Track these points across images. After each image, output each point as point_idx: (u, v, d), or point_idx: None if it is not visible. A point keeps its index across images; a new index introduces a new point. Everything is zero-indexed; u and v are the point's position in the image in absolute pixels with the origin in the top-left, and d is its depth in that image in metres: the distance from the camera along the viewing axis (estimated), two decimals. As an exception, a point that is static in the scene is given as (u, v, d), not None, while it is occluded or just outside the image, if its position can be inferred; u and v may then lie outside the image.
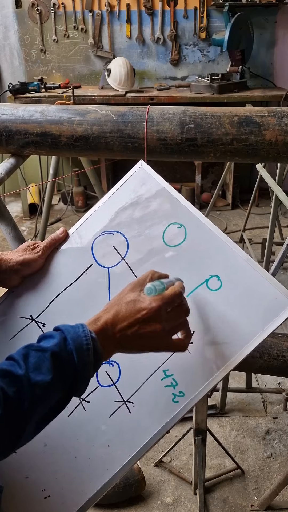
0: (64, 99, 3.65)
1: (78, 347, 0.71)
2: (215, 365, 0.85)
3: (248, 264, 0.88)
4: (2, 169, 1.38)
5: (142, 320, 0.75)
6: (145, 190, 1.01)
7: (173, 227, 0.95)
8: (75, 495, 0.88)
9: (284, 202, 2.03)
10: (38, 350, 0.71)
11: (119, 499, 1.83)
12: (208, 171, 4.53)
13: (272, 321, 0.84)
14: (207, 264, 0.90)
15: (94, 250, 0.99)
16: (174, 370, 0.87)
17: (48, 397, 0.69)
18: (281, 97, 3.87)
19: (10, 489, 0.91)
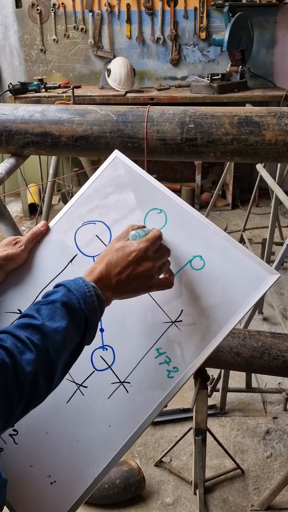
0: (64, 99, 3.65)
1: (83, 296, 0.76)
2: (205, 340, 0.89)
3: (228, 242, 0.92)
4: (2, 169, 1.38)
5: (134, 261, 0.82)
6: (122, 178, 1.02)
7: (153, 212, 0.98)
8: (81, 477, 0.91)
9: (284, 202, 2.03)
10: (47, 303, 0.75)
11: (119, 499, 1.83)
12: (208, 171, 4.53)
13: (254, 294, 0.87)
14: (189, 245, 0.93)
15: (77, 241, 1.01)
16: (167, 347, 0.91)
17: (68, 342, 0.74)
18: (281, 97, 3.87)
19: (15, 479, 0.93)
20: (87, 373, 0.94)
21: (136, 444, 2.09)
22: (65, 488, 0.91)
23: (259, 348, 1.35)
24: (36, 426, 0.94)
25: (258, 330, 1.43)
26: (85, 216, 1.02)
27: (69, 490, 0.91)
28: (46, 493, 0.92)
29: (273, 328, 2.82)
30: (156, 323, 0.92)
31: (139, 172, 1.02)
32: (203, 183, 4.45)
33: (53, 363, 0.72)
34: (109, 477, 1.82)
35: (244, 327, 2.00)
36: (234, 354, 1.36)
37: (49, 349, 0.72)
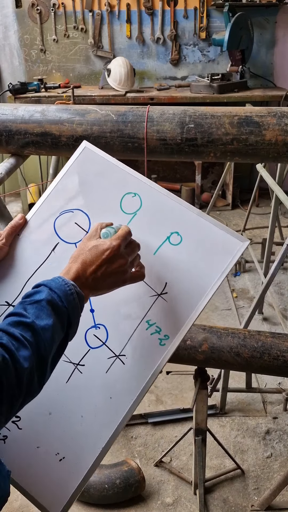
0: (64, 99, 3.65)
1: (64, 294, 0.80)
2: (190, 307, 0.96)
3: (201, 217, 0.99)
4: (2, 169, 1.38)
5: (108, 259, 0.86)
6: (94, 167, 1.07)
7: (128, 196, 1.03)
8: (89, 449, 0.96)
9: (284, 202, 2.03)
10: (32, 302, 0.78)
11: (119, 499, 1.83)
12: (208, 171, 4.53)
13: (229, 261, 0.96)
14: (166, 223, 1.00)
15: (57, 230, 1.04)
16: (156, 318, 0.97)
17: (55, 338, 0.77)
18: (281, 97, 3.87)
19: (24, 462, 0.97)
20: (82, 352, 0.99)
21: (136, 444, 2.09)
22: (74, 462, 0.96)
23: (259, 348, 1.35)
24: (38, 409, 0.97)
25: (258, 330, 1.43)
26: (62, 206, 1.06)
27: (79, 463, 0.96)
28: (56, 470, 0.96)
29: (273, 328, 2.82)
30: (143, 297, 0.98)
31: (110, 160, 1.06)
32: (203, 183, 4.45)
33: (44, 359, 0.75)
34: (109, 477, 1.82)
35: (244, 327, 2.00)
36: (234, 354, 1.36)
37: (40, 345, 0.74)
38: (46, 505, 0.95)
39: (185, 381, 2.40)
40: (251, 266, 3.41)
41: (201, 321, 2.84)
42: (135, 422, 2.18)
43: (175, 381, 2.41)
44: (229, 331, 1.40)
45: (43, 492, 0.96)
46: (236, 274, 3.39)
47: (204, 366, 1.55)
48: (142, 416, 2.19)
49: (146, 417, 2.19)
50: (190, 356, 1.39)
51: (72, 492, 0.95)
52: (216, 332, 1.39)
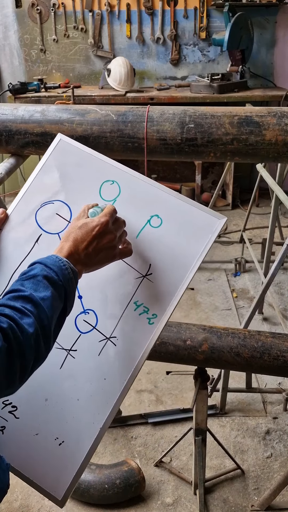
0: (64, 99, 3.65)
1: (59, 269, 0.83)
2: (175, 285, 0.99)
3: (179, 199, 1.02)
4: (2, 169, 1.38)
5: (98, 235, 0.90)
6: (71, 158, 1.10)
7: (106, 184, 1.06)
8: (87, 430, 0.97)
9: (284, 202, 2.03)
10: (29, 278, 0.82)
11: (119, 499, 1.83)
12: (208, 171, 4.53)
13: (209, 239, 0.99)
14: (145, 207, 1.03)
15: (39, 222, 1.07)
16: (143, 299, 1.00)
17: (54, 308, 0.81)
18: (281, 97, 3.87)
19: (23, 450, 0.98)
20: (74, 338, 1.01)
21: (136, 444, 2.09)
22: (74, 445, 0.97)
23: (259, 348, 1.35)
24: (34, 396, 0.99)
25: (258, 330, 1.43)
26: (42, 198, 1.08)
27: (79, 445, 0.97)
28: (57, 455, 0.98)
29: (273, 328, 2.81)
30: (129, 280, 1.00)
31: (86, 151, 1.09)
32: (203, 183, 4.45)
33: (47, 327, 0.78)
34: (109, 477, 1.82)
35: (244, 327, 2.00)
36: (234, 354, 1.36)
37: (42, 314, 0.78)
38: (50, 490, 0.97)
39: (185, 381, 2.40)
40: (251, 266, 3.41)
41: (201, 321, 2.84)
42: (135, 422, 2.18)
43: (175, 381, 2.41)
44: (229, 331, 1.40)
45: (45, 477, 0.97)
46: (236, 274, 3.39)
47: (204, 366, 1.55)
48: (142, 416, 2.19)
49: (146, 417, 2.19)
50: (190, 356, 1.39)
51: (74, 474, 0.96)
52: (216, 332, 1.39)
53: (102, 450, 2.06)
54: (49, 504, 1.85)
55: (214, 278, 3.36)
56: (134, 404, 2.26)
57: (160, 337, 1.21)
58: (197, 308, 3.01)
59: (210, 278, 3.35)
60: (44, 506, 1.84)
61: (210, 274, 3.40)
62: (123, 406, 2.21)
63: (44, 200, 1.08)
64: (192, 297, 3.11)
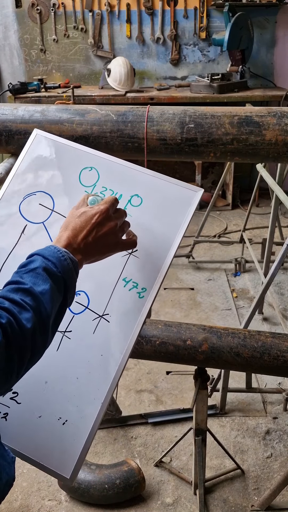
0: (64, 99, 3.65)
1: (58, 260, 0.82)
2: (160, 258, 1.03)
3: (155, 177, 1.07)
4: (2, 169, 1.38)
5: (97, 223, 0.89)
6: (48, 151, 1.15)
7: (85, 171, 1.10)
8: (89, 406, 0.99)
9: (284, 202, 2.03)
10: (28, 271, 0.81)
11: (119, 499, 1.83)
12: (208, 171, 4.53)
13: (188, 211, 1.05)
14: (124, 188, 1.08)
15: (24, 213, 1.10)
16: (132, 275, 1.04)
17: (54, 302, 0.80)
18: (281, 97, 3.87)
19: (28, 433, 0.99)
20: (67, 319, 1.03)
21: (136, 444, 2.09)
22: (77, 422, 0.99)
23: (259, 348, 1.35)
24: (34, 380, 1.01)
25: (258, 330, 1.43)
26: (24, 191, 1.12)
27: (82, 422, 0.99)
28: (61, 434, 0.99)
29: (273, 328, 2.82)
30: (116, 258, 1.02)
31: (61, 142, 1.14)
32: (203, 183, 4.45)
33: (45, 321, 0.78)
34: (109, 477, 1.82)
35: (244, 327, 2.00)
36: (234, 354, 1.36)
37: (41, 308, 0.77)
38: (58, 469, 0.98)
39: (185, 381, 2.40)
40: (251, 266, 3.41)
41: (201, 321, 2.84)
42: (135, 422, 2.18)
43: (175, 381, 2.41)
44: (229, 331, 1.40)
45: (52, 458, 0.99)
46: (236, 274, 3.39)
47: (204, 366, 1.55)
48: (142, 416, 2.19)
49: (146, 417, 2.19)
50: (190, 356, 1.39)
51: (80, 451, 0.97)
52: (216, 332, 1.40)
53: (102, 450, 2.06)
54: (49, 504, 1.85)
55: (214, 278, 3.36)
56: (134, 404, 2.26)
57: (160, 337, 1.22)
58: (197, 308, 3.01)
59: (210, 278, 3.35)
60: (44, 506, 1.84)
61: (210, 274, 3.40)
62: (123, 406, 2.21)
63: (26, 192, 1.12)
64: (192, 297, 3.11)
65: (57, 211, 1.09)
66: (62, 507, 1.84)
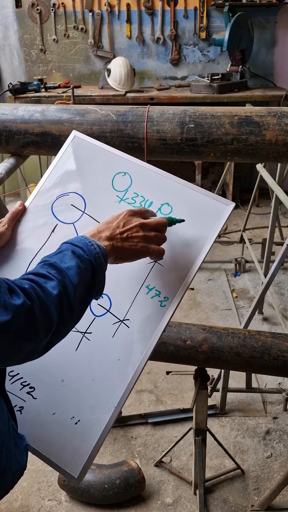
0: (64, 99, 3.65)
1: (85, 245, 0.85)
2: (185, 268, 1.02)
3: (187, 187, 1.07)
4: (2, 169, 1.38)
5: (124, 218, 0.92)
6: (85, 153, 1.16)
7: (118, 176, 1.11)
8: (102, 408, 1.00)
9: (284, 202, 2.03)
10: (56, 253, 0.84)
11: (119, 499, 1.83)
12: (208, 171, 4.53)
13: (217, 224, 1.04)
14: (156, 196, 1.08)
15: (55, 213, 1.12)
16: (155, 283, 1.03)
17: (81, 279, 0.81)
18: (281, 97, 3.87)
19: (40, 428, 1.01)
20: (89, 321, 1.04)
21: (136, 444, 2.09)
22: (89, 423, 1.00)
23: (259, 348, 1.35)
24: (51, 377, 1.03)
25: (258, 330, 1.43)
26: (58, 190, 1.13)
27: (94, 424, 0.99)
28: (73, 433, 1.00)
29: (273, 328, 2.82)
30: (141, 265, 1.03)
31: (98, 145, 1.15)
32: (203, 183, 4.44)
33: (71, 296, 0.79)
34: (109, 477, 1.82)
35: (244, 327, 2.00)
36: (234, 354, 1.36)
37: (66, 281, 0.79)
38: (67, 468, 0.99)
39: (185, 381, 2.40)
40: (251, 266, 3.41)
41: (201, 321, 2.84)
42: (135, 422, 2.18)
43: (175, 381, 2.41)
44: (229, 331, 1.40)
45: (62, 456, 0.99)
46: (236, 274, 3.39)
47: (204, 366, 1.55)
48: (142, 416, 2.19)
49: (146, 417, 2.19)
50: (190, 356, 1.39)
51: (89, 453, 0.98)
52: (216, 332, 1.40)
53: (102, 450, 2.06)
54: (49, 504, 1.85)
55: (214, 278, 3.36)
56: (134, 404, 2.26)
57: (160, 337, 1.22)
58: (197, 308, 3.01)
59: (210, 278, 3.35)
60: (44, 506, 1.84)
61: (210, 274, 3.40)
62: (123, 406, 2.21)
63: (60, 192, 1.13)
64: (192, 297, 3.11)
65: (87, 213, 1.10)
66: (62, 507, 1.84)
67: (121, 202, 1.09)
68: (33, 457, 1.00)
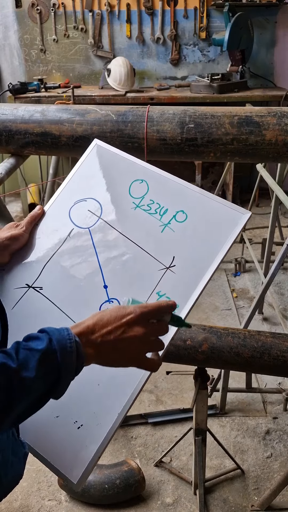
0: (64, 99, 3.65)
1: (63, 349, 0.74)
2: (198, 276, 1.01)
3: (203, 195, 1.07)
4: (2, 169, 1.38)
5: (126, 323, 0.79)
6: (104, 160, 1.18)
7: (136, 183, 1.12)
8: (105, 414, 0.98)
9: (284, 202, 2.03)
10: (27, 348, 0.74)
11: (119, 499, 1.83)
12: (208, 171, 4.53)
13: (232, 232, 1.02)
14: (171, 203, 1.08)
15: (72, 218, 1.13)
16: (166, 290, 1.02)
17: (31, 392, 0.73)
18: (281, 97, 3.87)
19: (43, 430, 0.99)
20: None
21: (136, 444, 2.09)
22: (92, 429, 0.98)
23: (259, 348, 1.35)
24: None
25: (258, 330, 1.43)
26: (76, 196, 1.15)
27: (96, 429, 0.98)
28: (75, 438, 0.99)
29: (273, 328, 2.81)
30: (153, 271, 1.03)
31: (118, 153, 1.17)
32: (203, 183, 4.44)
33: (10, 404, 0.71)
34: (109, 477, 1.82)
35: (244, 327, 2.00)
36: (234, 354, 1.36)
37: (11, 392, 0.71)
38: (66, 472, 0.97)
39: (185, 381, 2.40)
40: (251, 266, 3.41)
41: (201, 321, 2.84)
42: (135, 422, 2.18)
43: (175, 381, 2.41)
44: (229, 331, 1.40)
45: (63, 460, 0.98)
46: (236, 274, 3.39)
47: (204, 366, 1.55)
48: (142, 416, 2.19)
49: (146, 417, 2.19)
50: (190, 356, 1.39)
51: (90, 458, 0.96)
52: (216, 332, 1.40)
53: (102, 450, 2.06)
54: (49, 504, 1.85)
55: (214, 278, 3.36)
56: (134, 404, 2.25)
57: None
58: (197, 308, 3.01)
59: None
60: (44, 506, 1.84)
61: (210, 274, 3.39)
62: (123, 406, 2.21)
63: (78, 198, 1.15)
64: (192, 297, 3.11)
65: (103, 219, 1.12)
66: (62, 507, 1.84)
67: (137, 208, 1.10)
68: (34, 457, 0.99)
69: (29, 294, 1.08)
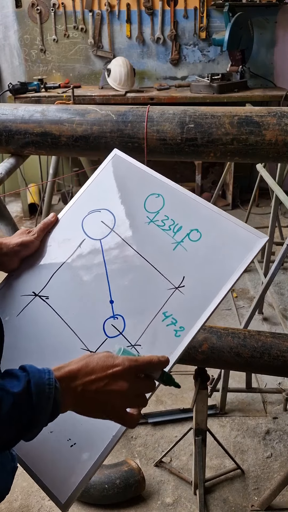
0: (64, 99, 3.65)
1: (40, 393, 0.71)
2: (207, 299, 0.97)
3: (219, 215, 1.04)
4: (2, 169, 1.38)
5: (112, 375, 0.75)
6: (122, 171, 1.16)
7: (152, 197, 1.10)
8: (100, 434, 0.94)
9: (284, 202, 2.03)
10: (2, 389, 0.70)
11: (119, 499, 1.83)
12: (208, 171, 4.53)
13: (247, 256, 0.98)
14: (186, 221, 1.05)
15: (85, 228, 1.12)
16: (173, 310, 0.99)
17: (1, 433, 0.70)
18: (281, 97, 3.87)
19: (36, 445, 0.94)
20: (100, 341, 1.01)
21: (136, 444, 2.09)
22: (85, 448, 0.96)
23: (259, 348, 1.35)
24: None
25: (258, 330, 1.43)
26: (90, 206, 1.13)
27: (89, 449, 0.95)
28: (67, 456, 0.96)
29: (273, 328, 2.81)
30: (161, 290, 1.00)
31: (136, 165, 1.14)
32: (203, 183, 4.44)
33: None
34: (109, 477, 1.82)
35: (244, 327, 2.00)
36: (234, 354, 1.36)
37: None
38: (55, 491, 0.95)
39: (185, 381, 2.40)
40: (251, 266, 3.41)
41: (201, 321, 2.84)
42: (135, 422, 2.17)
43: (175, 381, 2.41)
44: (229, 331, 1.40)
45: (53, 478, 0.96)
46: (236, 274, 3.39)
47: (204, 366, 1.56)
48: (142, 416, 2.20)
49: (146, 417, 2.19)
50: (190, 356, 1.39)
51: (80, 479, 0.93)
52: (216, 332, 1.40)
53: (102, 450, 2.06)
54: (49, 504, 1.85)
55: (214, 278, 3.36)
56: (134, 404, 2.26)
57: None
58: (197, 308, 3.00)
59: (210, 278, 3.35)
60: (44, 506, 1.84)
61: (210, 274, 3.39)
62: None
63: (93, 208, 1.13)
64: (192, 297, 3.11)
65: (116, 231, 1.09)
66: (62, 507, 1.84)
67: (151, 223, 1.08)
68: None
69: (35, 302, 1.07)
